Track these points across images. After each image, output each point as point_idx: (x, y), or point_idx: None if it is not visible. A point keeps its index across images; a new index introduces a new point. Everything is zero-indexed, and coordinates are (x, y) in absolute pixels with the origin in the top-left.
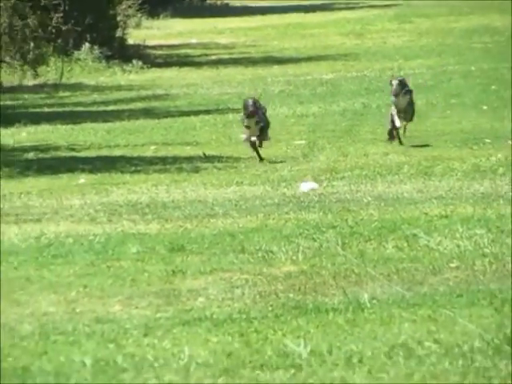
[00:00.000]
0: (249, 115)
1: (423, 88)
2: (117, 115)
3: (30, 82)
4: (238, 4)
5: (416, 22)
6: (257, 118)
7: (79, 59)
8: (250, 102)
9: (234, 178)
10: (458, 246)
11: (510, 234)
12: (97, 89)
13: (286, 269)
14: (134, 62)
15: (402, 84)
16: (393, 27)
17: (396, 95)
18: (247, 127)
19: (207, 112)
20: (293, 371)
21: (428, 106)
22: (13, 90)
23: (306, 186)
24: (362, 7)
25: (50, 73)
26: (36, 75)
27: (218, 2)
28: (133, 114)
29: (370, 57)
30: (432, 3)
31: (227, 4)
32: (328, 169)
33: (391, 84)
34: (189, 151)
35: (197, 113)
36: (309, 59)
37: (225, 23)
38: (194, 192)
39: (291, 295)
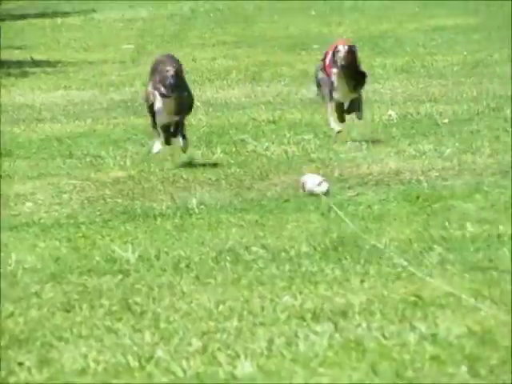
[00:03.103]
0: (164, 94)
1: None
2: None
3: None
4: None
5: None
6: (177, 98)
7: None
8: (172, 71)
9: (62, 83)
10: (286, 152)
11: (336, 141)
12: None
13: (114, 174)
14: None
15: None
16: None
17: None
18: (160, 112)
19: (36, 16)
20: (120, 276)
21: (255, 10)
22: None
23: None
24: None
25: None
26: None
27: None
28: None
29: None
30: None
31: None
32: None
33: None
34: (17, 55)
35: (25, 16)
36: None
37: None
38: (22, 96)
39: (119, 200)
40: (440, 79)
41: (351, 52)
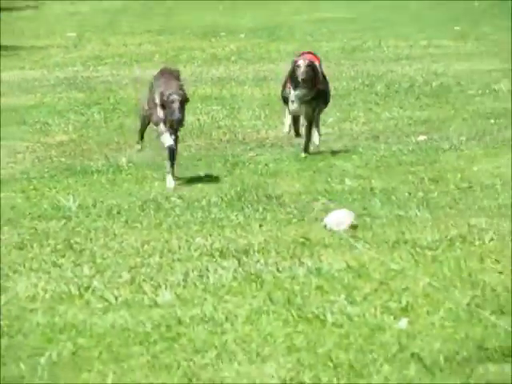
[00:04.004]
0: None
1: None
2: None
3: None
4: None
5: None
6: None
7: None
8: (177, 103)
9: (17, 64)
10: (199, 120)
11: (240, 111)
12: None
13: (59, 138)
14: None
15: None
16: None
17: None
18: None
19: None
20: (64, 221)
21: (175, 5)
22: None
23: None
24: None
25: None
26: None
27: None
28: None
29: None
30: None
31: None
32: (94, 56)
33: None
34: None
35: None
36: None
37: None
38: None
39: (63, 159)
40: (324, 62)
41: (311, 66)
